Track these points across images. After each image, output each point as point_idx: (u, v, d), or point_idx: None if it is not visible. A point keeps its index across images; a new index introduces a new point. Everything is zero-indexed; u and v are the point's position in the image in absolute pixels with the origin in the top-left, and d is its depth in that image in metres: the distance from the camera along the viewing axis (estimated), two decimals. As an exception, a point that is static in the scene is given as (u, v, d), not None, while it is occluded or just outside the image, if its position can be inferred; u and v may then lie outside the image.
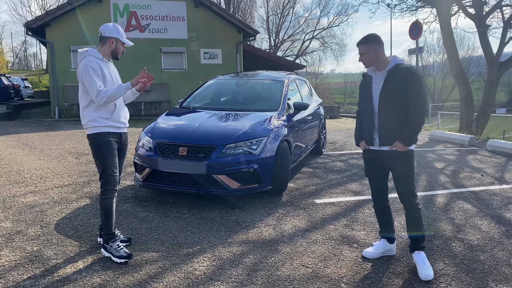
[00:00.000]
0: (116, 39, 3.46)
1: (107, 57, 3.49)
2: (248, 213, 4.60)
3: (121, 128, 3.55)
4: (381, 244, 3.58)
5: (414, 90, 3.14)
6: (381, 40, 3.30)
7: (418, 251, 3.34)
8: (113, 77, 3.51)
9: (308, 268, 3.35)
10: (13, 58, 53.89)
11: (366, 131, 3.41)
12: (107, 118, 3.41)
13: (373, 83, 3.34)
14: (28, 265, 3.31)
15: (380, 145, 3.33)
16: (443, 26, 14.68)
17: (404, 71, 3.18)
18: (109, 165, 3.41)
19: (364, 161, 3.61)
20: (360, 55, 3.30)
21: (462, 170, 7.20)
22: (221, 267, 3.34)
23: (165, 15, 16.89)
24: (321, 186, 5.81)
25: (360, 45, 3.30)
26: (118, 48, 3.49)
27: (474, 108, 15.16)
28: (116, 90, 3.37)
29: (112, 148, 3.44)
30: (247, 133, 4.92)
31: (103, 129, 3.40)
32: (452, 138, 10.93)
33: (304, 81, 8.08)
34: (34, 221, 4.28)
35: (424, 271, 3.22)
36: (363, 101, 3.43)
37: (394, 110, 3.20)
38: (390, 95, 3.20)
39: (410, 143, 3.21)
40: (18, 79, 26.17)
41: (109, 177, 3.41)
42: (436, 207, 4.99)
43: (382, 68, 3.29)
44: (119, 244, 3.43)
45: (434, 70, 52.55)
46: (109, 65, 3.52)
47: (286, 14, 45.69)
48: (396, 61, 3.26)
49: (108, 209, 3.43)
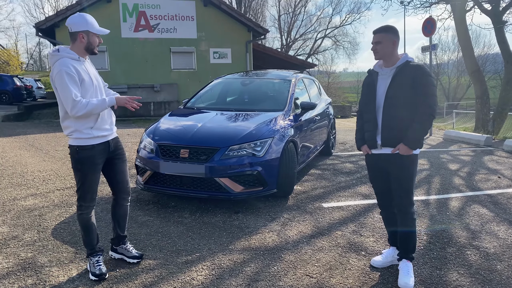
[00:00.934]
0: (87, 32, 2.95)
1: (83, 55, 3.00)
2: (251, 218, 4.43)
3: (107, 135, 3.12)
4: (390, 252, 3.38)
5: (423, 90, 2.93)
6: (399, 35, 3.11)
7: (406, 260, 3.17)
8: (92, 77, 3.03)
9: (312, 278, 3.16)
10: (27, 59, 54.63)
11: (368, 133, 3.17)
12: (91, 127, 2.98)
13: (379, 80, 3.12)
14: (21, 273, 3.19)
15: (382, 146, 3.09)
16: (458, 23, 14.31)
17: (414, 69, 2.97)
18: (89, 183, 3.05)
19: (367, 167, 3.37)
20: (376, 43, 3.04)
21: (478, 172, 6.91)
22: (220, 277, 3.17)
23: (174, 15, 16.81)
24: (329, 189, 5.60)
25: (379, 33, 3.05)
26: (92, 42, 2.98)
27: (490, 107, 14.75)
28: (98, 105, 2.93)
29: (94, 164, 3.04)
30: (251, 134, 4.75)
31: (87, 142, 2.99)
32: (467, 138, 10.60)
33: (313, 80, 7.88)
34: (32, 225, 4.17)
35: (404, 279, 3.04)
36: (366, 100, 3.20)
37: (401, 109, 2.97)
38: (398, 93, 2.97)
39: (415, 147, 2.98)
40: (31, 80, 26.44)
41: (86, 194, 3.07)
42: (450, 212, 4.75)
43: (391, 64, 3.07)
44: (98, 260, 3.14)
45: (449, 68, 51.64)
46: (86, 64, 3.04)
47: (298, 13, 45.40)
48: (407, 58, 3.07)
49: (84, 225, 3.12)
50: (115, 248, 3.41)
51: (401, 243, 3.22)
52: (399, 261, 3.22)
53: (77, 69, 2.89)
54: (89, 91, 2.96)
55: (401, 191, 3.10)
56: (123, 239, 3.41)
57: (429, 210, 4.80)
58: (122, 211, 3.35)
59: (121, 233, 3.38)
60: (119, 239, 3.40)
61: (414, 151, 3.01)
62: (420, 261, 3.45)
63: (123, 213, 3.36)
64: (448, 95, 49.39)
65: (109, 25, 16.09)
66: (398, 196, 3.13)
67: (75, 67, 2.88)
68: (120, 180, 3.28)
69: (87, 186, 3.05)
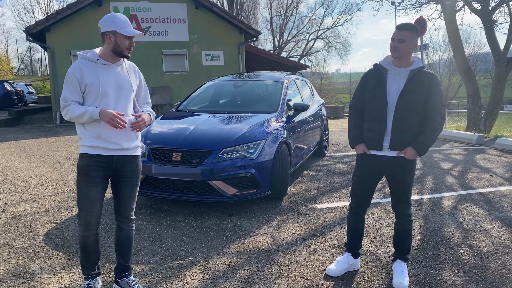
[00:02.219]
0: (114, 33, 2.68)
1: (110, 58, 2.72)
2: (245, 221, 4.41)
3: (111, 149, 2.73)
4: (345, 259, 3.27)
5: (438, 100, 2.94)
6: None
7: (400, 261, 3.17)
8: (110, 85, 2.69)
9: (306, 280, 3.15)
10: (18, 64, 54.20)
11: (371, 132, 3.01)
12: (94, 136, 2.70)
13: (389, 78, 2.97)
14: (12, 280, 3.14)
15: (389, 149, 2.99)
16: (448, 23, 14.41)
17: (430, 77, 2.94)
18: (83, 197, 2.73)
19: (358, 165, 3.17)
20: (399, 40, 2.87)
21: (470, 170, 6.95)
22: (214, 280, 3.15)
23: (165, 18, 16.75)
24: (322, 190, 5.59)
25: (404, 30, 2.89)
26: (120, 44, 2.69)
27: (481, 106, 14.85)
28: (80, 115, 2.63)
29: (89, 176, 2.70)
30: (244, 137, 4.73)
31: (86, 150, 2.72)
32: (460, 137, 10.66)
33: (305, 81, 7.88)
34: (23, 232, 4.12)
35: (399, 279, 3.04)
36: (371, 96, 3.01)
37: (413, 114, 2.92)
38: (412, 97, 2.90)
39: (423, 152, 2.97)
40: (22, 85, 26.23)
41: (80, 211, 2.76)
42: (443, 211, 4.76)
43: (404, 65, 2.96)
44: (89, 284, 2.86)
45: (440, 67, 51.98)
46: (108, 69, 2.72)
47: (290, 15, 45.50)
48: (420, 63, 3.00)
49: (82, 245, 2.81)
50: (117, 280, 2.99)
51: (397, 244, 3.21)
52: (394, 261, 3.22)
53: (84, 72, 2.64)
54: (93, 97, 2.66)
55: (402, 195, 3.09)
56: (125, 270, 2.96)
57: (422, 209, 4.81)
58: (123, 235, 2.93)
59: (124, 263, 2.95)
60: (121, 270, 2.96)
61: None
62: (414, 261, 3.45)
63: (124, 238, 2.93)
64: (440, 94, 49.64)
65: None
66: (397, 199, 3.12)
67: (83, 70, 2.65)
68: (121, 203, 2.89)
69: (80, 200, 2.76)
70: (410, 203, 3.14)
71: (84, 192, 2.73)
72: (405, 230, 3.15)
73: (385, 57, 3.09)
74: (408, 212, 3.13)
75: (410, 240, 3.19)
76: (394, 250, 3.26)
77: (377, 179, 3.17)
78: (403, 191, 3.09)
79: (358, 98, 3.15)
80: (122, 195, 2.87)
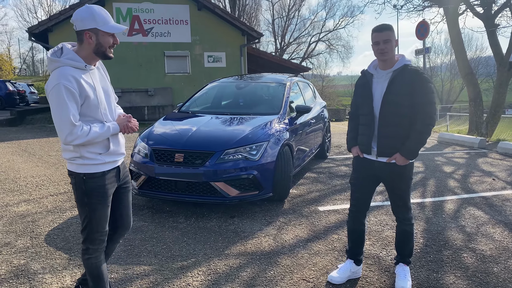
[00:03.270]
0: (95, 31, 2.26)
1: (91, 61, 2.33)
2: (247, 222, 4.40)
3: (118, 160, 2.52)
4: (347, 266, 3.22)
5: (423, 98, 2.80)
6: None
7: (403, 264, 3.14)
8: (99, 92, 2.35)
9: (309, 283, 3.14)
10: (20, 64, 54.30)
11: (363, 136, 3.02)
12: (100, 153, 2.38)
13: (374, 82, 2.97)
14: (13, 280, 3.14)
15: (377, 156, 2.97)
16: (450, 26, 14.40)
17: (413, 74, 2.82)
18: (98, 220, 2.41)
19: (353, 167, 3.18)
20: (385, 41, 2.81)
21: (472, 174, 6.93)
22: (216, 282, 3.14)
23: (168, 19, 16.77)
24: (324, 192, 5.58)
25: (387, 30, 2.83)
26: (104, 43, 2.29)
27: (483, 109, 14.82)
28: (101, 134, 2.32)
29: (106, 196, 2.42)
30: (246, 138, 4.72)
31: (97, 168, 2.37)
32: (461, 141, 10.64)
33: (308, 83, 7.88)
34: (25, 232, 4.11)
35: (402, 283, 3.01)
36: (361, 102, 3.03)
37: (398, 116, 2.85)
38: (395, 100, 2.83)
39: (412, 157, 2.88)
40: (24, 85, 26.29)
41: (95, 234, 2.43)
42: (445, 214, 4.75)
43: (388, 66, 2.90)
44: None
45: (442, 71, 52.02)
46: (93, 74, 2.37)
47: (292, 17, 45.52)
48: (405, 61, 2.89)
49: (94, 272, 2.50)
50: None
51: (399, 248, 3.18)
52: (396, 265, 3.19)
53: (80, 83, 2.23)
54: (93, 111, 2.32)
55: (399, 201, 3.05)
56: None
57: (424, 212, 4.79)
58: (114, 247, 2.77)
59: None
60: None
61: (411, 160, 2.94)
62: (417, 264, 3.44)
63: (114, 249, 2.79)
64: (442, 98, 49.73)
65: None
66: (396, 205, 3.09)
67: (77, 80, 2.22)
68: (125, 214, 2.68)
69: (95, 224, 2.41)
70: (409, 207, 3.08)
71: (101, 215, 2.43)
72: (406, 234, 3.11)
73: (371, 62, 3.07)
74: (408, 216, 3.08)
75: (411, 244, 3.16)
76: (396, 253, 3.24)
77: (373, 182, 3.12)
78: (398, 196, 3.04)
79: (353, 105, 3.21)
80: (127, 205, 2.68)
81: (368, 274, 3.29)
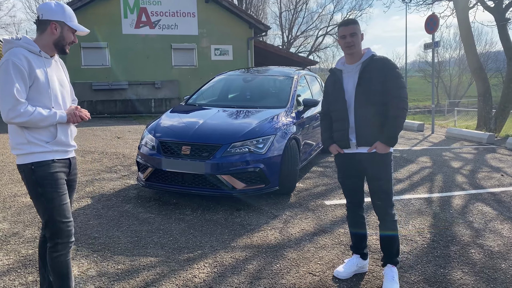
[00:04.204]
0: (61, 24, 2.36)
1: (49, 51, 2.38)
2: (253, 215, 4.40)
3: (69, 151, 2.47)
4: (354, 261, 3.20)
5: (393, 83, 2.83)
6: None
7: (390, 265, 3.02)
8: (52, 80, 2.35)
9: (315, 276, 3.14)
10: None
11: (338, 132, 3.01)
12: (47, 141, 2.33)
13: (344, 78, 2.98)
14: (21, 270, 3.17)
15: (358, 146, 2.96)
16: (460, 20, 14.24)
17: (381, 63, 2.87)
18: (59, 209, 2.32)
19: (338, 167, 3.18)
20: (351, 34, 2.86)
21: (480, 169, 6.88)
22: (222, 274, 3.15)
23: (175, 11, 16.74)
24: (331, 186, 5.57)
25: (352, 24, 2.89)
26: (66, 37, 2.39)
27: (492, 105, 14.68)
28: (47, 117, 2.27)
29: (59, 183, 2.34)
30: (253, 131, 4.71)
31: (45, 156, 2.31)
32: (470, 136, 10.55)
33: (315, 77, 7.83)
34: (32, 222, 4.14)
35: (389, 285, 2.92)
36: (333, 99, 3.04)
37: (373, 105, 2.86)
38: (368, 89, 2.85)
39: (392, 143, 2.87)
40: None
41: (59, 225, 2.33)
42: (453, 210, 4.71)
43: (356, 60, 2.93)
44: None
45: (451, 65, 51.50)
46: (51, 63, 2.39)
47: (299, 10, 45.15)
48: (371, 52, 2.95)
49: (66, 270, 2.41)
50: None
51: (384, 248, 3.06)
52: (384, 266, 3.07)
53: (31, 64, 2.25)
54: (42, 94, 2.30)
55: (381, 193, 2.96)
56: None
57: (432, 208, 4.77)
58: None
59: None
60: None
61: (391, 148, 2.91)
62: (424, 260, 3.42)
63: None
64: (450, 93, 49.30)
65: (110, 21, 16.10)
66: (378, 198, 2.99)
67: (28, 60, 2.24)
68: None
69: (57, 214, 2.32)
70: (391, 203, 2.99)
71: (63, 203, 2.35)
72: (391, 233, 3.01)
73: (338, 60, 3.10)
74: (391, 211, 2.98)
75: (397, 243, 3.04)
76: (383, 254, 3.09)
77: (359, 177, 3.08)
78: (381, 188, 2.96)
79: (324, 105, 3.21)
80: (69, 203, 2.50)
81: (375, 268, 3.28)
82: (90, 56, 15.96)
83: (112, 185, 5.47)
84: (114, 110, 15.99)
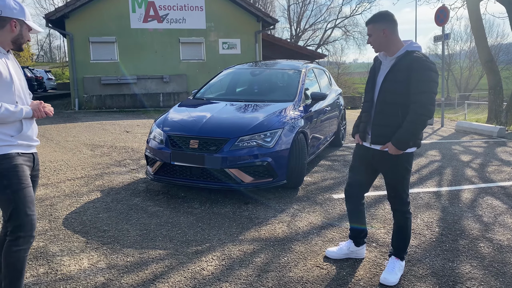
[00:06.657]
0: (21, 22, 2.41)
1: (6, 47, 2.42)
2: (261, 209, 4.41)
3: (32, 146, 2.52)
4: (347, 244, 3.29)
5: (418, 86, 2.66)
6: (392, 19, 2.80)
7: (394, 258, 3.03)
8: (13, 75, 2.38)
9: (322, 270, 3.15)
10: (38, 51, 54.97)
11: (363, 123, 3.01)
12: (12, 135, 2.35)
13: (380, 69, 2.91)
14: (33, 262, 3.22)
15: (371, 143, 2.93)
16: (471, 11, 14.04)
17: (412, 61, 2.70)
18: (24, 201, 2.33)
19: (354, 155, 3.18)
20: (368, 36, 2.85)
21: (491, 163, 6.81)
22: (230, 267, 3.17)
23: (183, 5, 16.71)
24: (339, 180, 5.56)
25: (368, 24, 2.84)
26: (24, 36, 2.45)
27: (503, 98, 14.49)
28: (13, 113, 2.30)
29: (24, 175, 2.37)
30: (261, 125, 4.71)
31: (10, 149, 2.34)
32: (480, 129, 10.44)
33: (323, 70, 7.79)
34: (43, 215, 4.20)
35: (386, 274, 2.94)
36: (367, 88, 3.01)
37: (393, 105, 2.77)
38: (392, 87, 2.76)
39: (402, 147, 2.76)
40: (41, 71, 26.67)
41: (24, 217, 2.33)
42: (462, 203, 4.68)
43: (393, 53, 2.81)
44: None
45: (461, 58, 50.88)
46: (9, 58, 2.43)
47: (308, 3, 44.84)
48: (409, 47, 2.77)
49: (22, 266, 2.38)
50: None
51: (394, 241, 3.08)
52: (390, 256, 3.08)
53: None
54: (6, 90, 2.33)
55: (392, 191, 2.98)
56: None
57: (441, 201, 4.74)
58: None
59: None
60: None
61: (409, 149, 2.83)
62: (432, 253, 3.41)
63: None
64: (460, 86, 48.75)
65: (118, 16, 16.14)
66: (390, 195, 3.01)
67: None
68: None
69: (22, 206, 2.33)
70: (404, 200, 2.96)
71: (28, 195, 2.37)
72: (400, 227, 3.02)
73: None
74: (405, 209, 2.98)
75: (407, 239, 3.04)
76: (391, 247, 3.12)
77: (370, 170, 3.07)
78: (391, 187, 2.97)
79: (364, 91, 3.18)
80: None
81: (383, 262, 3.27)
82: (98, 50, 16.02)
83: (121, 178, 5.52)
84: (123, 104, 16.07)
